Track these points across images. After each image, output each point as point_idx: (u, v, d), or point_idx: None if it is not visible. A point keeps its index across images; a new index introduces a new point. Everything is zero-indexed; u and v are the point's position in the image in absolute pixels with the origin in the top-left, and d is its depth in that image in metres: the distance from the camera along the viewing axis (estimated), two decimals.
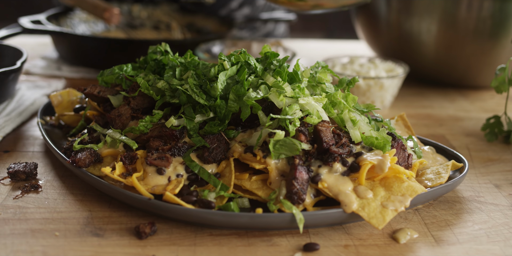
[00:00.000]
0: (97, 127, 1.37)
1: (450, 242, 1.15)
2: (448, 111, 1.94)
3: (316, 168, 1.19)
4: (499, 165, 1.52)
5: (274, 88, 1.27)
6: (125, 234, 1.14)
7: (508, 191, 1.37)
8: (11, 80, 1.70)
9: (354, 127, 1.25)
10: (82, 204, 1.25)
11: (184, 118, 1.28)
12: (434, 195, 1.23)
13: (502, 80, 1.62)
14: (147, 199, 1.15)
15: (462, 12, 1.92)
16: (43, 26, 2.16)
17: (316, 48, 2.79)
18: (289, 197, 1.15)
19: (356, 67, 1.96)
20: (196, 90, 1.29)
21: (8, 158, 1.45)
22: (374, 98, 1.86)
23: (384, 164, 1.18)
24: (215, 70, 1.33)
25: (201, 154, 1.26)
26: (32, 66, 2.20)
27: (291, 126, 1.20)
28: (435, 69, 2.11)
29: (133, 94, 1.38)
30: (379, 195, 1.17)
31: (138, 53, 2.00)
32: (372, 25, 2.21)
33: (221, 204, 1.17)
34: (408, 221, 1.22)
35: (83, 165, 1.27)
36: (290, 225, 1.13)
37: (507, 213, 1.27)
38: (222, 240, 1.13)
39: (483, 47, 1.96)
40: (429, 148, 1.44)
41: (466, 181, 1.41)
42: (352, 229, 1.19)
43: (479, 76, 2.09)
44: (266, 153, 1.21)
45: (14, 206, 1.23)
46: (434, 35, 2.00)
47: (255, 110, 1.26)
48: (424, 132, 1.73)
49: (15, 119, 1.66)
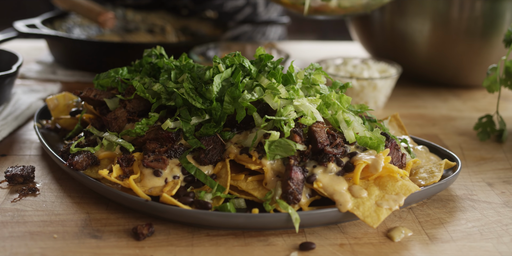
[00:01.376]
0: (94, 130, 1.38)
1: (444, 239, 1.17)
2: (441, 110, 1.96)
3: (311, 168, 1.20)
4: (491, 163, 1.54)
5: (269, 89, 1.28)
6: (123, 235, 1.15)
7: (501, 189, 1.39)
8: (7, 85, 1.71)
9: (348, 128, 1.27)
10: (79, 206, 1.26)
11: (180, 120, 1.30)
12: (427, 194, 1.25)
13: (493, 79, 1.63)
14: (145, 200, 1.17)
15: (454, 12, 1.94)
16: (39, 30, 2.17)
17: (309, 50, 2.81)
18: (285, 197, 1.16)
19: (349, 68, 1.98)
20: (192, 94, 1.30)
21: (5, 162, 1.46)
22: (368, 98, 1.88)
23: (378, 163, 1.20)
24: (210, 73, 1.34)
25: (197, 156, 1.27)
26: (27, 70, 2.21)
27: (286, 127, 1.21)
28: (427, 69, 2.13)
29: (129, 97, 1.39)
30: (373, 194, 1.18)
31: (133, 57, 2.01)
32: (366, 26, 2.23)
33: (217, 205, 1.18)
34: (402, 220, 1.24)
35: (80, 168, 1.28)
36: (286, 225, 1.14)
37: (500, 211, 1.29)
38: (219, 240, 1.15)
39: (475, 47, 1.98)
40: (422, 148, 1.46)
41: (459, 179, 1.43)
42: (347, 228, 1.20)
43: (471, 76, 2.11)
44: (262, 154, 1.22)
45: (12, 209, 1.23)
46: (427, 35, 2.02)
47: (250, 111, 1.27)
48: (418, 131, 1.75)
49: (12, 123, 1.67)
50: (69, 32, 2.45)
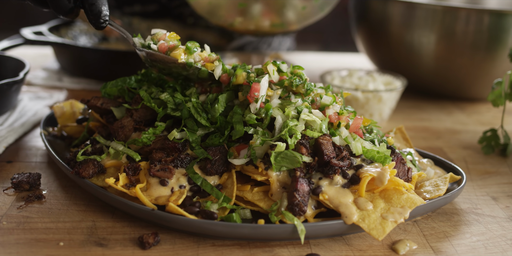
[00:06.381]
0: (100, 139, 1.39)
1: (449, 253, 1.17)
2: (445, 124, 1.96)
3: (317, 180, 1.21)
4: (496, 177, 1.54)
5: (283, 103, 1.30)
6: (129, 244, 1.16)
7: (505, 203, 1.39)
8: (13, 91, 1.72)
9: (355, 140, 1.27)
10: (85, 214, 1.26)
11: (186, 131, 1.30)
12: (432, 207, 1.25)
13: (498, 94, 1.64)
14: (151, 209, 1.17)
15: (459, 25, 1.96)
16: (45, 37, 2.18)
17: (314, 61, 2.81)
18: (291, 209, 1.16)
19: (355, 80, 1.99)
20: (199, 108, 1.32)
21: (11, 168, 1.47)
22: (373, 111, 1.88)
23: (384, 176, 1.20)
24: (213, 95, 1.36)
25: (204, 166, 1.28)
26: (33, 77, 2.21)
27: (292, 139, 1.22)
28: (432, 81, 2.14)
29: (136, 106, 1.40)
30: (379, 207, 1.19)
31: (139, 65, 2.02)
32: (372, 37, 2.24)
33: (223, 215, 1.19)
34: (407, 233, 1.24)
35: (86, 176, 1.28)
36: (291, 236, 1.14)
37: (504, 225, 1.29)
38: (225, 250, 1.15)
39: (480, 60, 2.00)
40: (427, 161, 1.46)
41: (463, 193, 1.43)
42: (352, 240, 1.20)
43: (476, 89, 2.12)
44: (268, 165, 1.23)
45: (18, 216, 1.24)
46: (432, 48, 2.03)
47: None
48: (422, 144, 1.75)
49: (18, 130, 1.68)
50: (75, 39, 2.46)
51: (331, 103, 1.34)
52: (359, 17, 2.29)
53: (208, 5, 2.07)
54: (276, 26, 2.09)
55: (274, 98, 1.32)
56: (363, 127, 1.38)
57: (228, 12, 2.05)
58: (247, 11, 2.02)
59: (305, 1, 2.02)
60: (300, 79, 1.36)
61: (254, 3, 1.99)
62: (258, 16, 2.03)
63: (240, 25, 2.09)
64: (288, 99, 1.32)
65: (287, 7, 2.01)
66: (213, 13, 2.10)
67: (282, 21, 2.07)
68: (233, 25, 2.10)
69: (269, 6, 2.00)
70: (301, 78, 1.37)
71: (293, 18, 2.06)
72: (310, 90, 1.34)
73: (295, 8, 2.02)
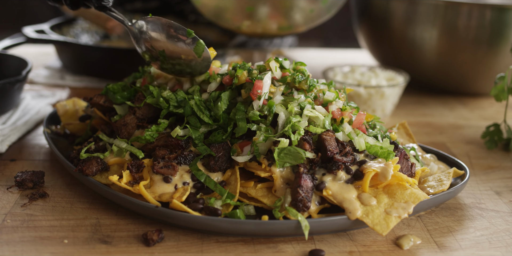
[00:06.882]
0: (103, 136, 1.39)
1: (453, 248, 1.17)
2: (448, 119, 1.96)
3: (320, 176, 1.21)
4: (499, 172, 1.54)
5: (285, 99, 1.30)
6: (133, 241, 1.16)
7: (509, 197, 1.39)
8: (16, 90, 1.72)
9: (359, 136, 1.27)
10: (89, 211, 1.26)
11: (189, 128, 1.30)
12: (436, 202, 1.25)
13: (501, 88, 1.64)
14: (155, 206, 1.17)
15: (462, 20, 1.95)
16: (47, 35, 2.18)
17: (316, 57, 2.81)
18: (294, 205, 1.16)
19: (357, 76, 1.98)
20: (201, 106, 1.32)
21: (15, 167, 1.47)
22: (375, 106, 1.88)
23: (387, 171, 1.20)
24: (216, 93, 1.36)
25: (207, 163, 1.28)
26: (35, 76, 2.22)
27: (295, 135, 1.22)
28: (435, 76, 2.14)
29: (138, 104, 1.40)
30: (382, 202, 1.19)
31: (141, 62, 2.02)
32: (374, 33, 2.24)
33: (227, 212, 1.19)
34: (411, 228, 1.24)
35: (90, 174, 1.29)
36: (295, 232, 1.14)
37: (508, 220, 1.29)
38: (229, 247, 1.15)
39: (482, 55, 1.99)
40: (430, 156, 1.46)
41: (467, 188, 1.43)
42: (356, 236, 1.20)
43: (478, 84, 2.12)
44: (271, 161, 1.23)
45: (23, 214, 1.24)
46: (434, 43, 2.03)
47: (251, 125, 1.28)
48: (425, 140, 1.75)
49: (21, 128, 1.68)
50: (77, 37, 2.46)
51: (334, 99, 1.34)
52: (361, 13, 2.29)
53: (215, 8, 2.06)
54: (283, 28, 2.09)
55: (277, 94, 1.32)
56: (366, 123, 1.37)
57: (235, 15, 2.04)
58: (255, 14, 2.02)
59: (312, 4, 2.01)
60: (302, 76, 1.36)
61: (262, 7, 1.98)
62: (265, 19, 2.02)
63: (247, 28, 2.09)
64: (291, 95, 1.32)
65: (295, 10, 2.01)
66: (220, 16, 2.09)
67: (290, 24, 2.07)
68: (240, 28, 2.10)
69: (276, 9, 2.00)
70: (303, 74, 1.37)
71: (300, 21, 2.06)
72: (313, 86, 1.34)
73: (303, 11, 2.02)
